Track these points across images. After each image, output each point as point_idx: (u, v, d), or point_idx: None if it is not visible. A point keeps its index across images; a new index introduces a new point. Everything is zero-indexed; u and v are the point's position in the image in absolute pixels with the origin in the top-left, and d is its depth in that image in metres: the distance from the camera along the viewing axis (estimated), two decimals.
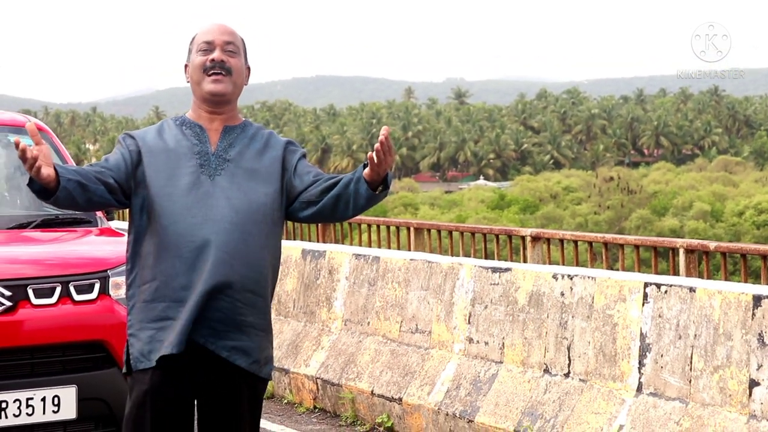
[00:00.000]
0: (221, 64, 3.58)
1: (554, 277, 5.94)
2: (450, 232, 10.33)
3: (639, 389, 5.36)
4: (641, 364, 5.37)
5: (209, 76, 3.57)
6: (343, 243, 11.86)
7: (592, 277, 5.74)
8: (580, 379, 5.69)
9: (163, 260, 3.50)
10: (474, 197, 75.35)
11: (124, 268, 5.22)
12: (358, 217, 12.07)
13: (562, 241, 9.03)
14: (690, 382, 5.11)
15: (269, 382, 7.56)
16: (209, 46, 3.60)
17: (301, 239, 12.46)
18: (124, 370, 3.59)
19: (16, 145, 3.22)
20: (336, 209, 3.59)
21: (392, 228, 11.26)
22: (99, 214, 5.99)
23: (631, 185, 69.21)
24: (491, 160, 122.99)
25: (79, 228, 5.86)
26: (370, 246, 11.24)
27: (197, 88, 3.61)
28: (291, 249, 7.98)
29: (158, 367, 3.49)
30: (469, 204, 71.41)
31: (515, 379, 6.03)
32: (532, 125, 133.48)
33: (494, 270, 6.33)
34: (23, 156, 3.24)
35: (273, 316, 7.96)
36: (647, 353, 5.35)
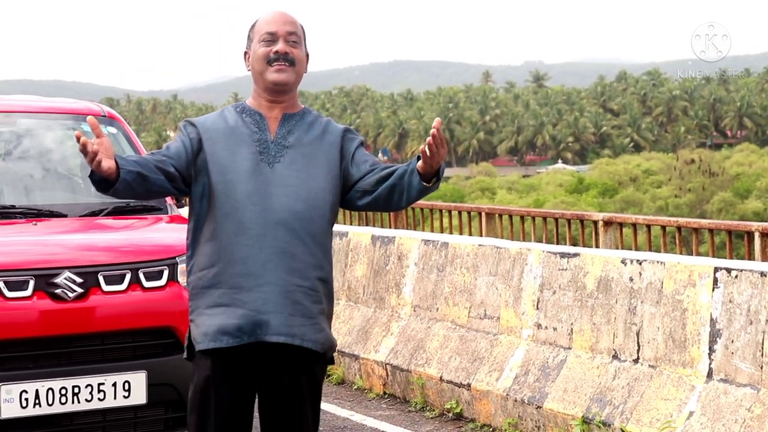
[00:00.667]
0: (285, 56, 3.59)
1: (623, 262, 5.87)
2: (522, 217, 10.27)
3: (709, 375, 5.29)
4: (711, 350, 5.29)
5: (272, 66, 3.60)
6: (415, 229, 11.85)
7: (662, 262, 5.67)
8: (649, 365, 5.63)
9: (224, 247, 3.53)
10: (552, 181, 74.75)
11: None
12: (429, 203, 12.06)
13: (634, 225, 8.91)
14: (761, 368, 5.03)
15: (340, 368, 7.63)
16: (272, 37, 3.61)
17: (373, 225, 12.48)
18: (185, 355, 3.64)
19: (77, 138, 3.27)
20: (390, 199, 3.60)
21: (464, 214, 11.23)
22: (169, 201, 6.08)
23: (712, 167, 68.02)
24: (570, 144, 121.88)
25: (150, 215, 5.95)
26: (441, 232, 11.22)
27: (259, 77, 3.63)
28: (361, 235, 8.01)
29: (221, 352, 3.53)
30: (546, 188, 70.87)
31: (584, 365, 5.98)
32: (611, 108, 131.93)
33: (562, 255, 6.28)
34: (84, 150, 3.30)
35: (343, 302, 8.01)
36: (717, 339, 5.27)
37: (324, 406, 7.02)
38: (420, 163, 3.50)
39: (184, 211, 10.38)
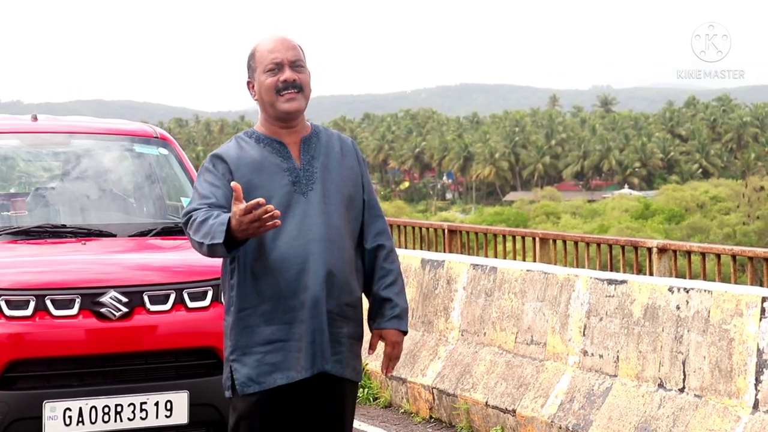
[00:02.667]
0: (293, 83, 3.60)
1: (670, 290, 5.81)
2: (576, 243, 10.20)
3: (755, 406, 5.20)
4: (758, 381, 5.21)
5: (282, 95, 3.59)
6: (469, 254, 11.83)
7: (709, 291, 5.60)
8: (695, 395, 5.55)
9: (268, 284, 3.53)
10: (617, 206, 74.08)
11: None
12: (483, 228, 12.05)
13: (689, 252, 8.81)
14: None
15: (387, 391, 7.62)
16: (277, 66, 3.60)
17: (428, 249, 12.48)
18: (228, 393, 3.63)
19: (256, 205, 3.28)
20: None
21: (518, 238, 11.19)
22: None
23: None
24: (636, 169, 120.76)
25: None
26: (495, 257, 11.19)
27: (270, 108, 3.63)
28: (410, 258, 8.02)
29: (278, 389, 3.55)
30: (612, 213, 70.25)
31: (629, 393, 5.92)
32: (679, 133, 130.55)
33: (610, 282, 6.23)
34: (254, 216, 3.28)
35: None
36: (764, 369, 5.19)
37: (370, 429, 7.03)
38: (380, 332, 3.75)
39: None
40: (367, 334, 3.78)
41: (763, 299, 5.26)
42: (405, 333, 3.75)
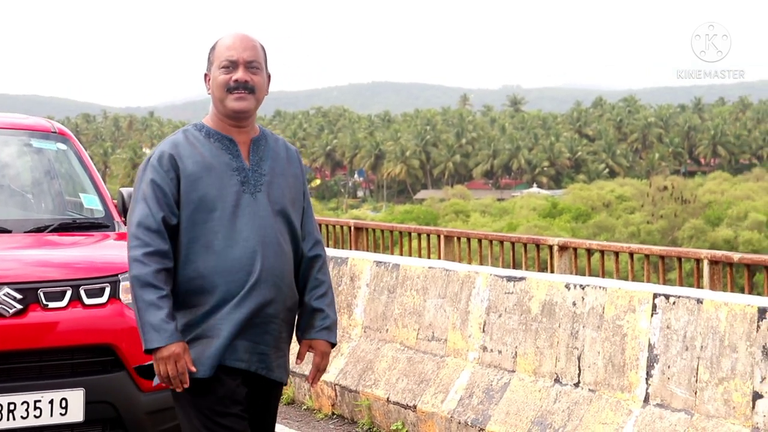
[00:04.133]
0: (245, 84, 3.57)
1: (566, 286, 5.92)
2: (480, 241, 10.31)
3: (646, 400, 5.33)
4: (649, 375, 5.34)
5: (232, 94, 3.58)
6: (375, 252, 11.88)
7: (603, 287, 5.72)
8: (589, 389, 5.67)
9: (217, 285, 3.49)
10: (526, 205, 75.02)
11: None
12: (389, 225, 12.10)
13: (588, 250, 8.98)
14: (695, 393, 5.07)
15: (290, 388, 7.62)
16: (232, 64, 3.58)
17: (334, 246, 12.50)
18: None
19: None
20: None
21: (423, 236, 11.27)
22: (117, 218, 6.07)
23: (685, 195, 68.46)
24: (545, 168, 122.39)
25: (97, 232, 5.95)
26: (411, 255, 11.24)
27: (219, 104, 3.62)
28: None
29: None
30: (520, 212, 71.10)
31: (526, 388, 6.02)
32: (587, 133, 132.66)
33: (509, 279, 6.32)
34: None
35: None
36: (655, 364, 5.32)
37: None
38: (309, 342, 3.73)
39: None
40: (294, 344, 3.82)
41: (655, 296, 5.39)
42: (334, 345, 3.78)
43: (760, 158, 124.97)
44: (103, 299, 5.19)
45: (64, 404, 4.97)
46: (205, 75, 3.67)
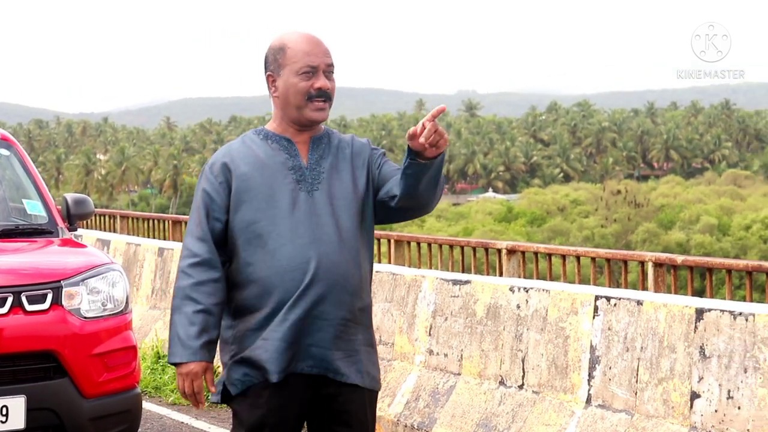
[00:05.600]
0: (325, 92, 3.44)
1: (511, 289, 5.97)
2: (429, 245, 10.36)
3: (588, 401, 5.39)
4: (591, 377, 5.40)
5: (312, 103, 3.43)
6: None
7: (546, 290, 5.77)
8: (533, 391, 5.72)
9: (275, 285, 3.38)
10: (481, 209, 75.38)
11: (78, 278, 5.29)
12: None
13: (536, 254, 9.05)
14: (636, 394, 5.14)
15: None
16: (313, 70, 3.42)
17: None
18: (218, 399, 3.50)
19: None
20: (412, 192, 3.40)
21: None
22: (61, 224, 6.03)
23: (638, 198, 69.15)
24: (500, 173, 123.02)
25: (40, 238, 5.91)
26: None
27: (294, 111, 3.45)
28: None
29: (276, 387, 3.40)
30: (476, 216, 71.44)
31: (472, 390, 6.06)
32: (542, 138, 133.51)
33: (455, 282, 6.36)
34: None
35: None
36: (596, 365, 5.38)
37: (198, 424, 7.01)
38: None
39: (99, 234, 10.27)
40: None
41: (596, 298, 5.46)
42: None
43: (711, 162, 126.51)
44: (45, 305, 5.17)
45: (5, 411, 4.94)
46: (269, 76, 3.50)
